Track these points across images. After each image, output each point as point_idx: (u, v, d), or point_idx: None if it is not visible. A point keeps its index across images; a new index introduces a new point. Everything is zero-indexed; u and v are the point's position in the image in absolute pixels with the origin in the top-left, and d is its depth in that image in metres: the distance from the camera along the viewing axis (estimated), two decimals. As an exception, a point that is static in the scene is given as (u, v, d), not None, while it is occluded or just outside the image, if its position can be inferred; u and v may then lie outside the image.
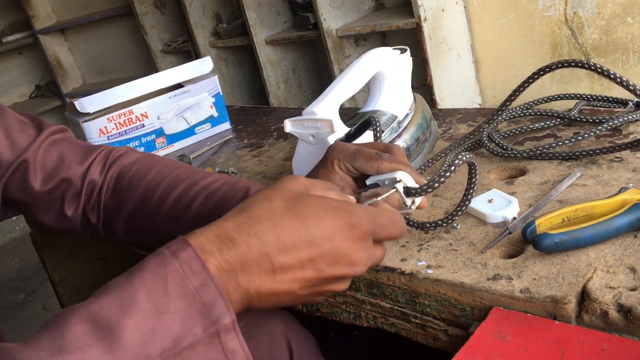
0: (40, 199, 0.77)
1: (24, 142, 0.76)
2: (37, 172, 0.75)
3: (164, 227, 0.74)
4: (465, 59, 2.10)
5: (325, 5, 2.15)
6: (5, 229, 3.57)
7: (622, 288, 0.51)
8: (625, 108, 0.83)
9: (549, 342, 0.49)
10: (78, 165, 0.77)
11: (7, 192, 0.77)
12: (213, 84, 1.28)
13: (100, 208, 0.78)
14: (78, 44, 3.81)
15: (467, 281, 0.57)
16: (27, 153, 0.75)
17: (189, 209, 0.71)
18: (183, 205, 0.72)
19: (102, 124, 1.16)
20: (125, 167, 0.78)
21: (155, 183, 0.75)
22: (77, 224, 0.80)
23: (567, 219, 0.59)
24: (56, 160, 0.77)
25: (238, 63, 2.89)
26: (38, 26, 3.64)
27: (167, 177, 0.75)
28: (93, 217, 0.79)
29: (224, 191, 0.71)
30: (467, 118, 0.98)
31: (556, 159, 0.75)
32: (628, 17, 1.85)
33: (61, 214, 0.79)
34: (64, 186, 0.77)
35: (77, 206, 0.78)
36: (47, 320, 0.43)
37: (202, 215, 0.70)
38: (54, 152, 0.77)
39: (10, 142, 0.75)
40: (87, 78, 3.91)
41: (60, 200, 0.77)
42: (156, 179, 0.75)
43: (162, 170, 0.77)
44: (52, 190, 0.77)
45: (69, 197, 0.77)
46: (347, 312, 0.69)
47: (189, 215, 0.71)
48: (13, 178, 0.76)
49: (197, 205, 0.71)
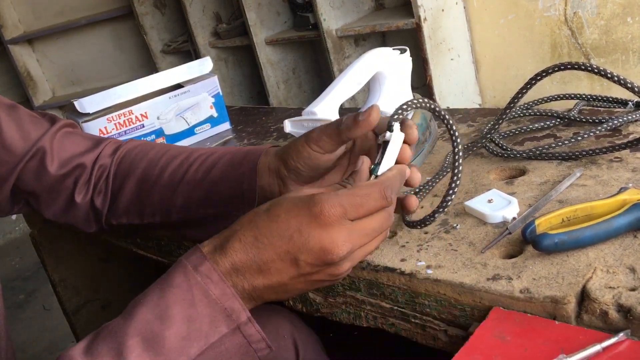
0: (53, 185, 0.79)
1: (37, 133, 0.79)
2: (54, 158, 0.79)
3: (164, 195, 0.76)
4: (465, 59, 2.10)
5: (325, 6, 2.15)
6: (5, 229, 3.57)
7: (621, 288, 0.51)
8: (625, 108, 0.83)
9: (548, 342, 0.49)
10: (91, 152, 0.81)
11: (19, 183, 0.79)
12: (213, 84, 1.28)
13: (107, 191, 0.80)
14: (48, 55, 3.66)
15: (467, 281, 0.57)
16: (42, 141, 0.78)
17: (186, 173, 0.75)
18: (181, 171, 0.76)
19: (102, 124, 1.16)
20: (130, 149, 0.82)
21: (158, 156, 0.79)
22: (82, 214, 0.82)
23: (567, 219, 0.59)
24: (71, 147, 0.80)
25: (238, 63, 2.89)
26: (7, 36, 3.50)
27: (170, 150, 0.79)
28: (99, 200, 0.80)
29: (219, 154, 0.75)
30: (467, 118, 0.98)
31: (556, 159, 0.75)
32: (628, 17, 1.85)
33: (70, 202, 0.80)
34: (79, 171, 0.80)
35: (87, 192, 0.80)
36: (98, 330, 0.53)
37: (197, 178, 0.74)
38: (68, 141, 0.81)
39: (23, 134, 0.78)
40: (59, 90, 3.76)
41: (72, 186, 0.80)
42: (159, 153, 0.80)
43: (165, 146, 0.81)
44: (66, 175, 0.79)
45: (81, 182, 0.80)
46: (347, 312, 0.69)
47: (186, 179, 0.75)
48: (28, 166, 0.78)
49: (193, 169, 0.75)
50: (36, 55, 3.71)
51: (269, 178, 0.68)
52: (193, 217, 0.75)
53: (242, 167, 0.71)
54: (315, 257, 0.52)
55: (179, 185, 0.75)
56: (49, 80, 3.77)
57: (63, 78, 3.74)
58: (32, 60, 3.70)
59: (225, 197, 0.72)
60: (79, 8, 3.41)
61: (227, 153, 0.75)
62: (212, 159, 0.75)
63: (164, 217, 0.77)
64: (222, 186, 0.72)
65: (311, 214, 0.52)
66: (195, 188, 0.74)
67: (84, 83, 3.67)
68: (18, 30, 3.59)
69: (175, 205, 0.76)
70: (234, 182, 0.71)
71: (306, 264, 0.52)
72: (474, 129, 0.92)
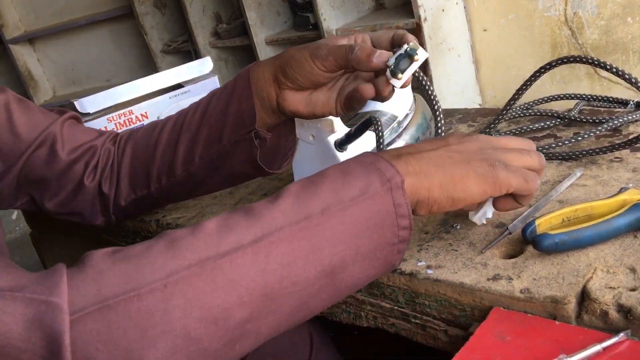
0: (63, 170, 0.79)
1: (46, 122, 0.79)
2: (65, 143, 0.79)
3: (165, 153, 0.77)
4: (465, 59, 2.10)
5: (325, 6, 2.15)
6: (6, 229, 3.57)
7: (622, 288, 0.51)
8: (625, 108, 0.83)
9: (548, 342, 0.49)
10: (99, 138, 0.83)
11: (27, 171, 0.79)
12: (213, 84, 1.28)
13: (112, 175, 0.81)
14: (49, 54, 3.68)
15: (467, 281, 0.57)
16: (52, 128, 0.79)
17: (183, 123, 0.77)
18: (178, 124, 0.77)
19: (102, 124, 1.16)
20: (128, 133, 0.84)
21: (154, 123, 0.81)
22: (89, 200, 0.82)
23: (567, 219, 0.59)
24: (80, 135, 0.82)
25: (238, 63, 2.89)
26: (8, 35, 3.52)
27: (168, 119, 0.80)
28: (106, 186, 0.81)
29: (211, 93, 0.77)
30: (467, 118, 0.98)
31: (556, 159, 0.75)
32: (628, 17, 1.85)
33: (79, 187, 0.81)
34: (90, 154, 0.81)
35: (95, 175, 0.81)
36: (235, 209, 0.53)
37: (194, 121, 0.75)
38: (77, 129, 0.82)
39: (32, 121, 0.78)
40: (59, 89, 3.77)
41: (83, 169, 0.80)
42: (156, 122, 0.81)
43: (162, 119, 0.82)
44: (77, 160, 0.80)
45: (91, 165, 0.81)
46: (347, 312, 0.69)
47: (184, 128, 0.76)
48: (37, 153, 0.78)
49: (189, 116, 0.76)
50: (37, 54, 3.71)
51: (266, 87, 0.69)
52: (197, 166, 0.76)
53: (236, 90, 0.72)
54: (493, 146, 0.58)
55: (179, 137, 0.76)
56: (50, 79, 3.77)
57: (63, 77, 3.74)
58: (33, 59, 3.70)
59: (225, 126, 0.72)
60: (79, 8, 3.41)
61: (218, 89, 0.76)
62: (205, 100, 0.77)
63: (170, 176, 0.78)
64: (219, 117, 0.73)
65: (486, 138, 0.59)
66: (195, 132, 0.75)
67: (84, 83, 3.66)
68: (19, 30, 3.59)
69: (178, 157, 0.76)
70: (231, 106, 0.72)
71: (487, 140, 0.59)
72: (475, 129, 0.92)
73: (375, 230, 0.52)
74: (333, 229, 0.51)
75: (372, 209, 0.52)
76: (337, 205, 0.51)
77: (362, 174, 0.53)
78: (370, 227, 0.52)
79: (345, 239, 0.51)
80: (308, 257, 0.50)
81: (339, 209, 0.51)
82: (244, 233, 0.49)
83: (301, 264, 0.49)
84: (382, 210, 0.52)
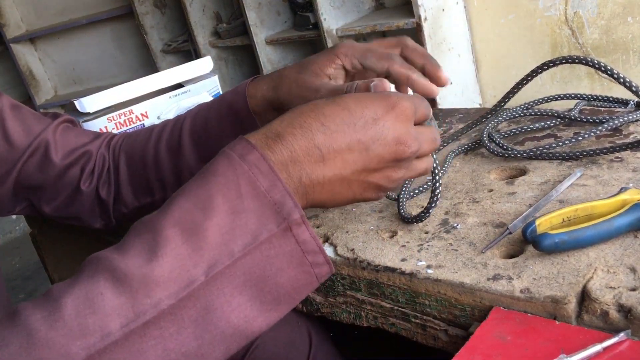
0: (58, 175, 0.79)
1: (40, 128, 0.79)
2: (58, 148, 0.79)
3: (165, 163, 0.78)
4: (465, 58, 2.10)
5: (325, 5, 2.15)
6: (5, 229, 3.57)
7: (622, 288, 0.51)
8: (626, 108, 0.83)
9: (549, 342, 0.49)
10: (94, 142, 0.83)
11: (22, 178, 0.79)
12: (213, 84, 1.28)
13: (110, 181, 0.81)
14: (50, 54, 3.69)
15: (467, 281, 0.57)
16: (45, 134, 0.79)
17: (182, 125, 0.78)
18: (176, 133, 0.78)
19: (102, 123, 1.16)
20: (121, 137, 0.85)
21: (148, 132, 0.81)
22: (87, 204, 0.82)
23: (567, 219, 0.59)
24: (74, 139, 0.81)
25: (238, 63, 2.89)
26: (9, 35, 3.53)
27: (156, 126, 0.81)
28: (104, 191, 0.81)
29: (206, 106, 0.78)
30: (467, 118, 0.98)
31: (556, 159, 0.75)
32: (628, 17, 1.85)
33: (76, 191, 0.81)
34: (85, 159, 0.81)
35: (92, 181, 0.81)
36: (133, 226, 0.47)
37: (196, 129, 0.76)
38: (71, 133, 0.82)
39: (25, 127, 0.78)
40: (60, 89, 3.79)
41: (79, 174, 0.80)
42: (148, 130, 0.82)
43: (150, 126, 0.83)
44: (72, 164, 0.80)
45: (87, 170, 0.80)
46: (347, 312, 0.69)
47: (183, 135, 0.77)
48: (31, 160, 0.78)
49: (188, 118, 0.78)
50: (38, 54, 3.72)
51: (266, 116, 0.71)
52: None
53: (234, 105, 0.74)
54: (387, 148, 0.50)
55: (180, 145, 0.77)
56: (51, 79, 3.78)
57: (64, 77, 3.74)
58: (34, 59, 3.71)
59: None
60: (80, 7, 3.41)
61: (214, 104, 0.77)
62: (202, 114, 0.78)
63: (175, 188, 0.78)
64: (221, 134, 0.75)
65: (387, 104, 0.51)
66: (198, 139, 0.76)
67: (85, 82, 3.67)
68: (20, 30, 3.60)
69: (184, 167, 0.77)
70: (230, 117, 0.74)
71: (376, 155, 0.50)
72: (475, 129, 0.92)
73: (281, 275, 0.46)
74: (222, 291, 0.44)
75: (270, 255, 0.45)
76: (226, 258, 0.44)
77: (253, 213, 0.45)
78: (273, 275, 0.46)
79: (243, 296, 0.45)
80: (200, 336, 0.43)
81: (229, 265, 0.44)
82: (110, 317, 0.40)
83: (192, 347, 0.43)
84: (285, 254, 0.46)
